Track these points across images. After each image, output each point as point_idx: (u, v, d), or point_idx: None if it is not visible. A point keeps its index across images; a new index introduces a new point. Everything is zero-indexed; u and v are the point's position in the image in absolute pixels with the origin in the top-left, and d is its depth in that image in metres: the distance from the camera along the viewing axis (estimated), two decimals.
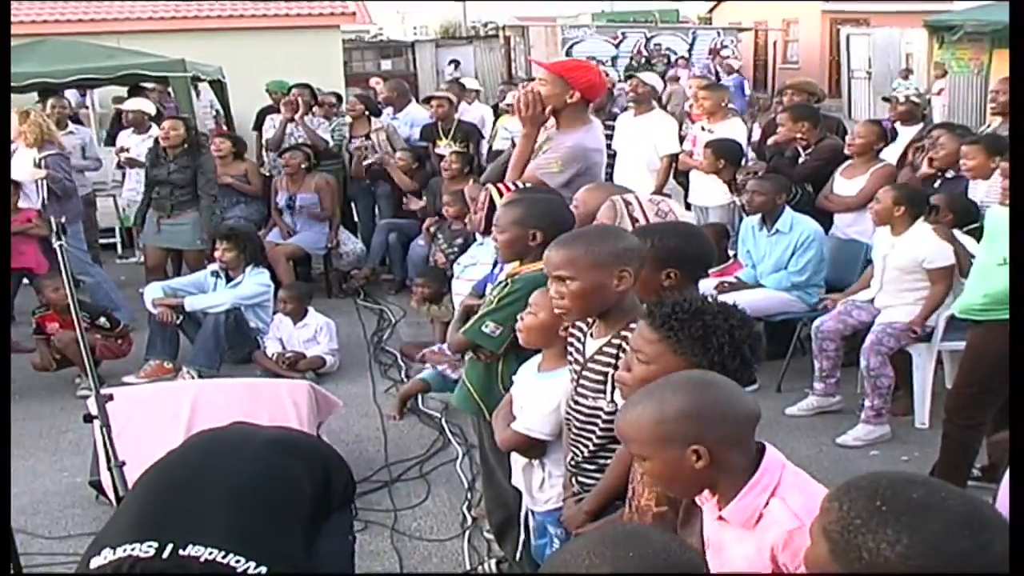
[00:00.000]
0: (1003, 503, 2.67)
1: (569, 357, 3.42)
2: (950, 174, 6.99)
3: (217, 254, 8.04)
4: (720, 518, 2.37)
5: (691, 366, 2.59)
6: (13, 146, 8.57)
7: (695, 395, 2.28)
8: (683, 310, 2.66)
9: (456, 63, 27.04)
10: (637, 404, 2.34)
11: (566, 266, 3.18)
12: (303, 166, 9.85)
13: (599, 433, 3.27)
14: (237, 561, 2.85)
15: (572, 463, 3.40)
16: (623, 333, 3.10)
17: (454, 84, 13.57)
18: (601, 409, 3.23)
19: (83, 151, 10.53)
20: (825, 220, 7.65)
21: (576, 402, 3.32)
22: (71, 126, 10.76)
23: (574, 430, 3.36)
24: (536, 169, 5.07)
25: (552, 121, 5.22)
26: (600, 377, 3.21)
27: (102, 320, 7.66)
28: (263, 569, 2.86)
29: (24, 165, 8.48)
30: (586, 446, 3.32)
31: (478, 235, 7.01)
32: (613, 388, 3.14)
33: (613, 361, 3.14)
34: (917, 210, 6.21)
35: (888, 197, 6.27)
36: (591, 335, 3.28)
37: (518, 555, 4.14)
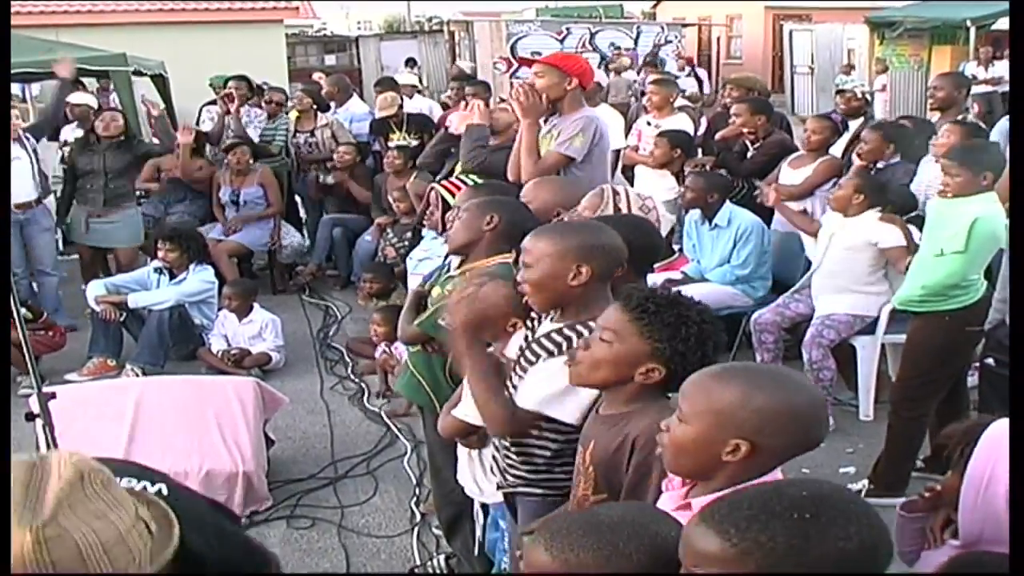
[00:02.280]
0: (971, 486, 2.70)
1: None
2: (881, 164, 7.09)
3: (160, 255, 7.96)
4: (687, 505, 2.31)
5: (654, 352, 2.62)
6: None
7: (787, 397, 2.18)
8: (660, 297, 2.70)
9: (412, 61, 26.77)
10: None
11: (530, 253, 3.21)
12: (250, 162, 9.77)
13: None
14: (129, 481, 2.66)
15: (501, 446, 3.39)
16: (578, 326, 3.09)
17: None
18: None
19: None
20: (767, 212, 7.69)
21: (511, 377, 3.30)
22: None
23: None
24: (559, 147, 5.47)
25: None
26: (534, 359, 3.18)
27: (23, 312, 7.53)
28: (162, 487, 2.65)
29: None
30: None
31: (427, 229, 7.04)
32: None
33: (555, 350, 3.12)
34: (877, 199, 6.25)
35: (850, 185, 6.31)
36: (551, 318, 3.26)
37: (476, 550, 4.13)
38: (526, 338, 3.33)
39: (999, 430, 2.68)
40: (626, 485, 2.62)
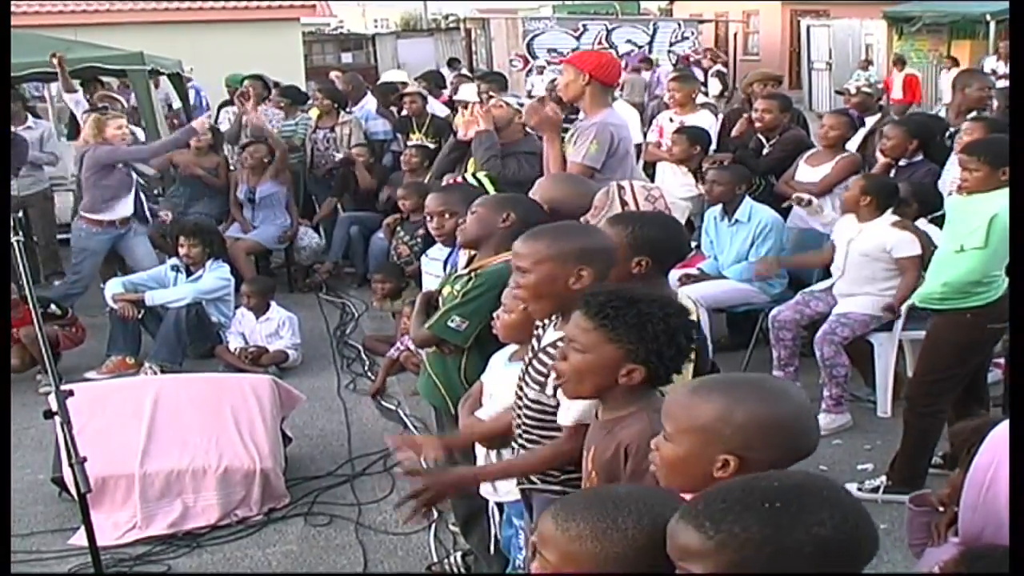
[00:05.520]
0: (973, 485, 2.69)
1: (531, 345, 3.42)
2: (903, 162, 7.04)
3: (182, 250, 7.98)
4: None
5: (628, 354, 2.60)
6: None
7: (770, 409, 2.13)
8: (618, 298, 2.65)
9: (456, 62, 26.62)
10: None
11: (526, 257, 3.19)
12: (265, 160, 9.79)
13: (532, 423, 3.25)
14: None
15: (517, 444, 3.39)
16: None
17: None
18: (538, 402, 3.22)
19: (41, 145, 10.30)
20: (783, 209, 7.66)
21: (520, 388, 3.30)
22: (29, 119, 10.60)
23: (516, 416, 3.34)
24: (576, 157, 5.46)
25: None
26: (543, 369, 3.18)
27: (52, 308, 7.65)
28: None
29: None
30: (522, 434, 3.31)
31: None
32: (556, 386, 3.14)
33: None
34: (885, 201, 6.22)
35: (857, 187, 6.29)
36: (554, 326, 3.26)
37: (491, 547, 4.14)
38: (532, 347, 3.33)
39: (1004, 430, 2.67)
40: None
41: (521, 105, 6.72)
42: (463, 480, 3.34)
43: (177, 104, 15.22)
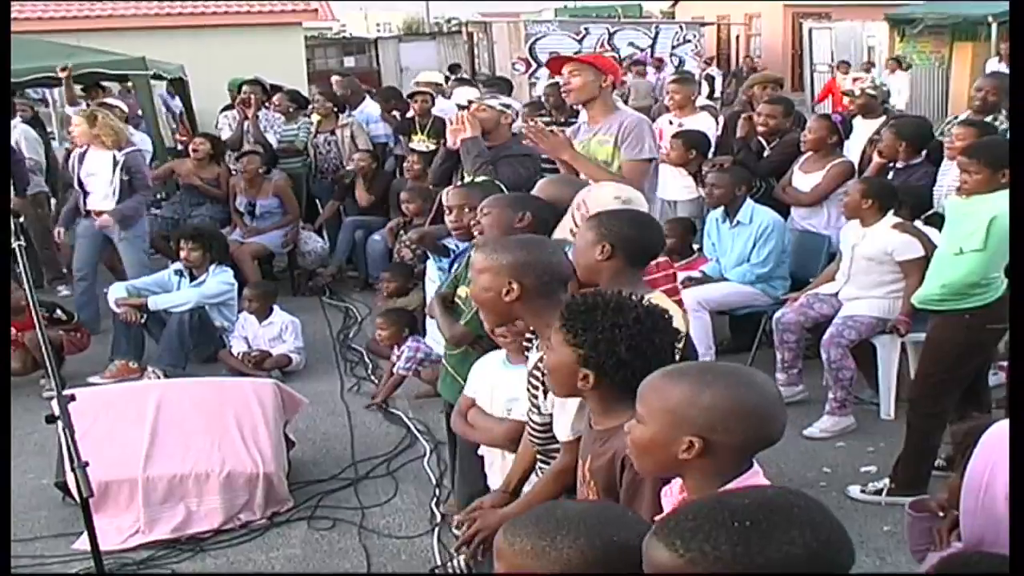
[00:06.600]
0: (970, 490, 2.69)
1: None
2: (900, 164, 7.03)
3: (183, 254, 7.99)
4: None
5: (579, 359, 2.62)
6: (80, 149, 8.49)
7: (737, 394, 2.15)
8: (589, 303, 2.67)
9: (457, 67, 26.59)
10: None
11: (473, 266, 3.34)
12: (260, 170, 9.80)
13: (548, 443, 3.30)
14: None
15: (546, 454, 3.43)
16: None
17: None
18: (544, 424, 3.28)
19: None
20: (783, 210, 7.65)
21: (529, 413, 3.37)
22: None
23: (531, 439, 3.41)
24: (642, 155, 5.53)
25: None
26: (534, 392, 3.26)
27: (58, 313, 7.68)
28: None
29: (103, 166, 8.42)
30: (542, 454, 3.38)
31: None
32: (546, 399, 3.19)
33: (539, 383, 3.21)
34: (886, 203, 6.22)
35: (857, 191, 6.29)
36: (536, 348, 3.32)
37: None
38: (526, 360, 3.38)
39: (997, 433, 2.66)
40: (621, 501, 2.62)
41: (505, 107, 6.68)
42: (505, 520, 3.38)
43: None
